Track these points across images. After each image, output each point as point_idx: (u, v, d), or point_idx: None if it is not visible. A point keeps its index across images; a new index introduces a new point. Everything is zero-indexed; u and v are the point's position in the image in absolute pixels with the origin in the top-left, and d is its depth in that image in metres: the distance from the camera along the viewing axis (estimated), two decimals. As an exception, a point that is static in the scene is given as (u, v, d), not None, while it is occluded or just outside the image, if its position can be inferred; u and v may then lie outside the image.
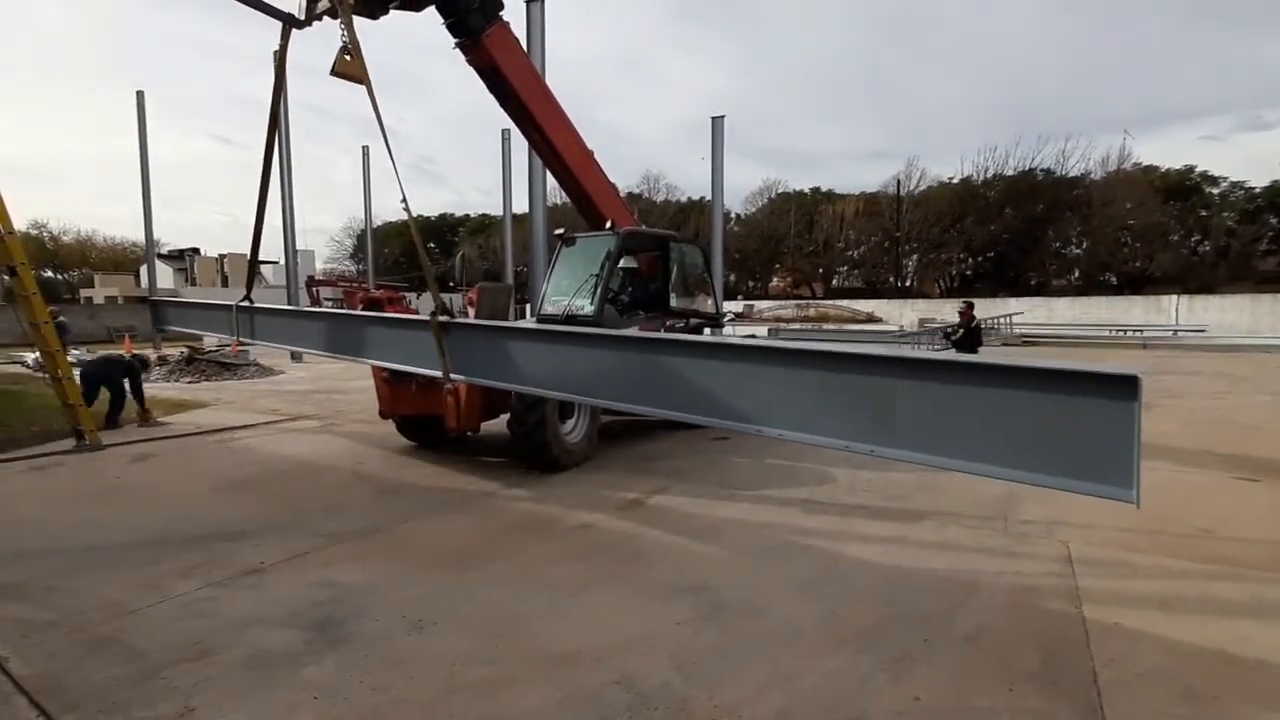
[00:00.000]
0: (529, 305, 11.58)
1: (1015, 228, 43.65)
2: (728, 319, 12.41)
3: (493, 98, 7.29)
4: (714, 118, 18.02)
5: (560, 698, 2.86)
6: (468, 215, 64.41)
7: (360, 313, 5.95)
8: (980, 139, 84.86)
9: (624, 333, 4.03)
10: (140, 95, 21.50)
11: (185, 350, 16.10)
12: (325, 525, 5.17)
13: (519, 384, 4.04)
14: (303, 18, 5.16)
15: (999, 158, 45.66)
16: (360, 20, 5.32)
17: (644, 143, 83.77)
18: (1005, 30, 70.51)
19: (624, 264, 7.95)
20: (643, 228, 9.27)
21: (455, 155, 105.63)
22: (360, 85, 4.59)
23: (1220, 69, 58.72)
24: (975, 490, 5.62)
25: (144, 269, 31.18)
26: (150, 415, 9.55)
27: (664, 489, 6.12)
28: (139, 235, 28.31)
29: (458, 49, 6.78)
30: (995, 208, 44.75)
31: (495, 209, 29.71)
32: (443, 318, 4.24)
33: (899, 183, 47.56)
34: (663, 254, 8.42)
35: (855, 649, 3.27)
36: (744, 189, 58.33)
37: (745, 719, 2.71)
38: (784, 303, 44.86)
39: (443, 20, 6.54)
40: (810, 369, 2.82)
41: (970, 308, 11.72)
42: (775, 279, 56.29)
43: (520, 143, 9.43)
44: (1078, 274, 44.73)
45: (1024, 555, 4.48)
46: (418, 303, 14.65)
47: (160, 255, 40.00)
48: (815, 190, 54.33)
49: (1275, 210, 40.51)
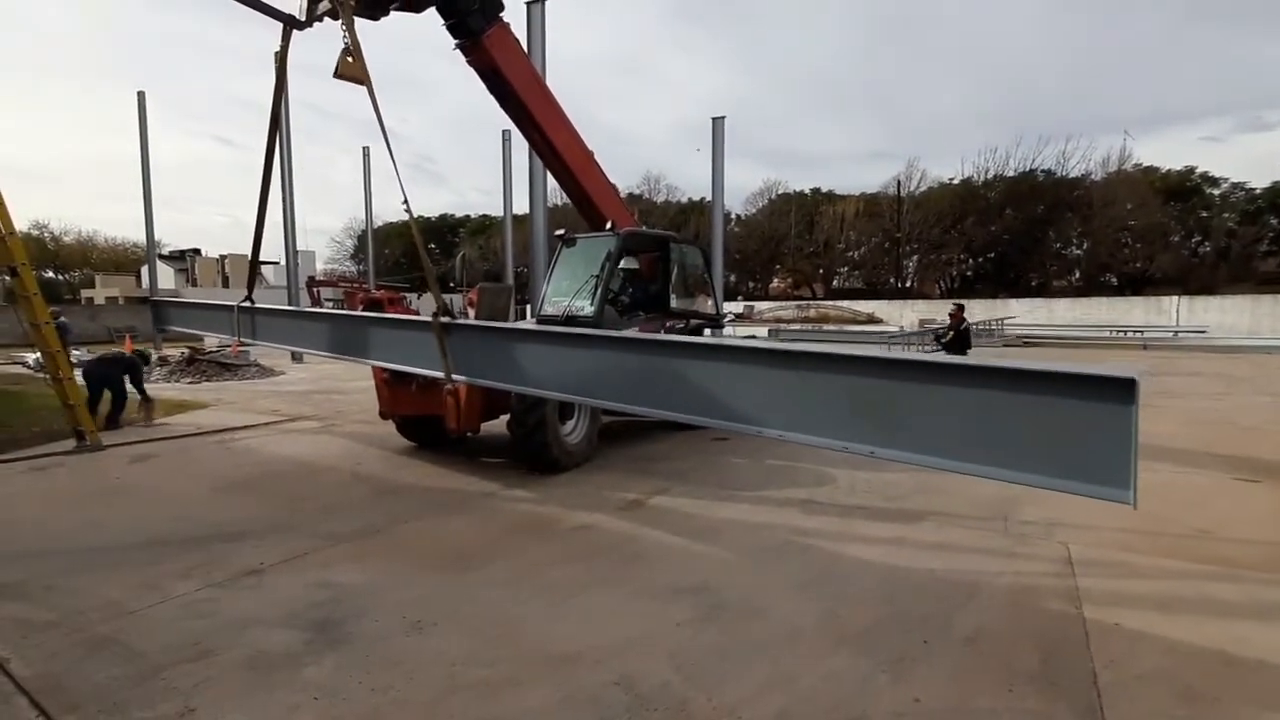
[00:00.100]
0: (529, 306, 11.59)
1: (1016, 228, 43.63)
2: (728, 320, 12.42)
3: (493, 98, 7.30)
4: (714, 118, 18.05)
5: (560, 698, 2.87)
6: (468, 216, 64.58)
7: (362, 313, 5.95)
8: (980, 139, 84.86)
9: (625, 334, 4.03)
10: (141, 96, 21.52)
11: (186, 351, 16.13)
12: (325, 526, 5.18)
13: (520, 385, 4.04)
14: (303, 19, 5.17)
15: (999, 158, 45.68)
16: (361, 21, 5.34)
17: (644, 143, 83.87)
18: (1005, 30, 70.63)
19: (624, 265, 7.95)
20: (643, 228, 9.28)
21: (456, 156, 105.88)
22: (362, 86, 4.60)
23: (1221, 69, 58.79)
24: (974, 491, 5.62)
25: (145, 269, 31.29)
26: (154, 405, 9.73)
27: (664, 490, 6.12)
28: (140, 236, 28.35)
29: (458, 50, 6.79)
30: (996, 208, 44.72)
31: (496, 209, 29.74)
32: (444, 318, 4.25)
33: (899, 183, 47.63)
34: (663, 255, 8.43)
35: (855, 650, 3.28)
36: (744, 190, 58.49)
37: (745, 720, 2.71)
38: (784, 303, 44.84)
39: (443, 21, 6.55)
40: (810, 371, 2.82)
41: (960, 309, 11.81)
42: (775, 280, 56.29)
43: (521, 143, 9.45)
44: (1078, 275, 44.69)
45: (1024, 556, 4.48)
46: (418, 303, 14.68)
47: (161, 256, 40.02)
48: (815, 191, 54.38)
49: (1276, 211, 40.52)
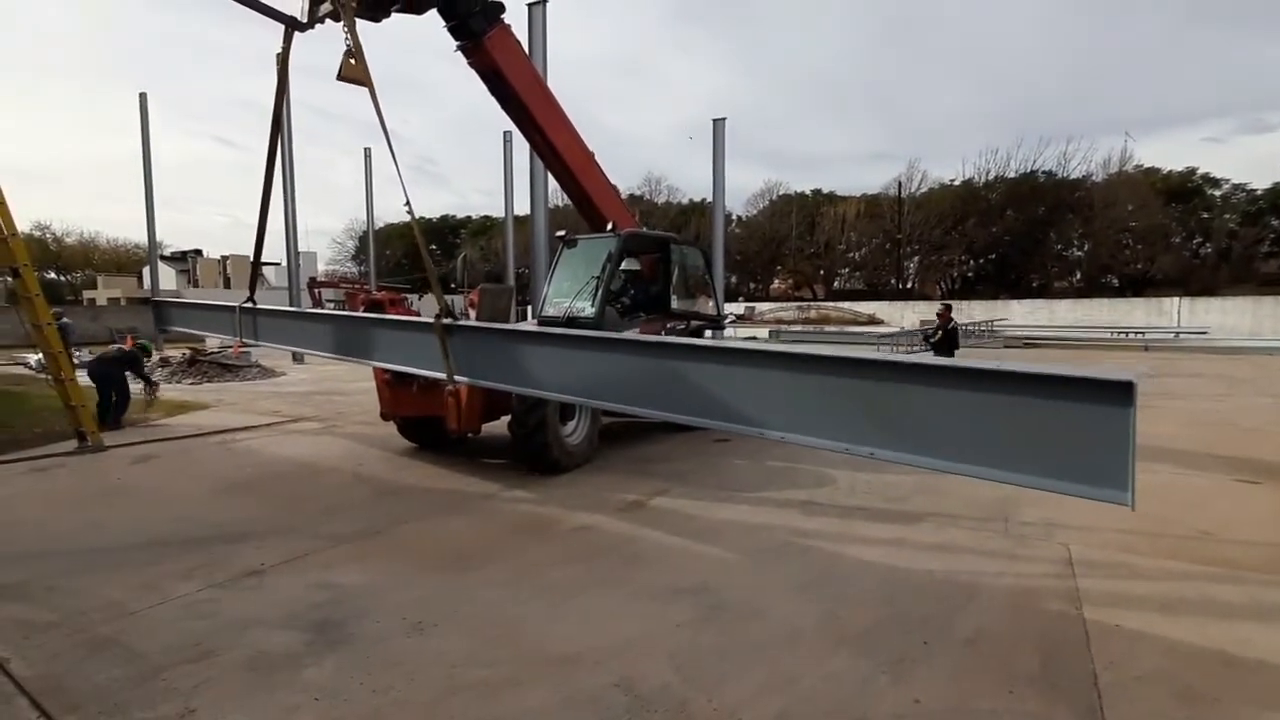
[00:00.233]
0: (530, 307, 11.59)
1: (1017, 230, 43.62)
2: (728, 321, 12.43)
3: (494, 100, 7.31)
4: (715, 120, 18.07)
5: (560, 699, 2.87)
6: (469, 217, 64.63)
7: (364, 314, 5.96)
8: (981, 141, 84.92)
9: (627, 336, 4.04)
10: (143, 97, 21.51)
11: (187, 351, 16.14)
12: (325, 527, 5.18)
13: (522, 386, 4.05)
14: (305, 20, 5.18)
15: (1000, 160, 45.68)
16: (363, 23, 5.35)
17: (645, 145, 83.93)
18: (1006, 31, 70.63)
19: (625, 266, 7.95)
20: (644, 230, 9.29)
21: (457, 157, 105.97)
22: (364, 88, 4.61)
23: (1222, 71, 58.76)
24: (974, 492, 5.61)
25: (146, 270, 31.32)
26: (157, 387, 10.29)
27: (664, 491, 6.12)
28: (141, 237, 28.42)
29: (460, 52, 6.80)
30: (997, 210, 44.71)
31: (497, 210, 29.70)
32: (446, 320, 4.26)
33: (900, 185, 47.65)
34: (664, 256, 8.43)
35: (855, 651, 3.28)
36: (745, 191, 58.58)
37: (744, 721, 2.71)
38: (785, 305, 44.86)
39: (445, 23, 6.56)
40: (811, 373, 2.83)
41: (948, 309, 11.98)
42: (776, 281, 56.32)
43: (522, 144, 9.46)
44: (1079, 276, 44.68)
45: (1024, 557, 4.48)
46: (419, 304, 14.70)
47: (163, 257, 40.06)
48: (816, 192, 54.40)
49: (1277, 212, 40.51)
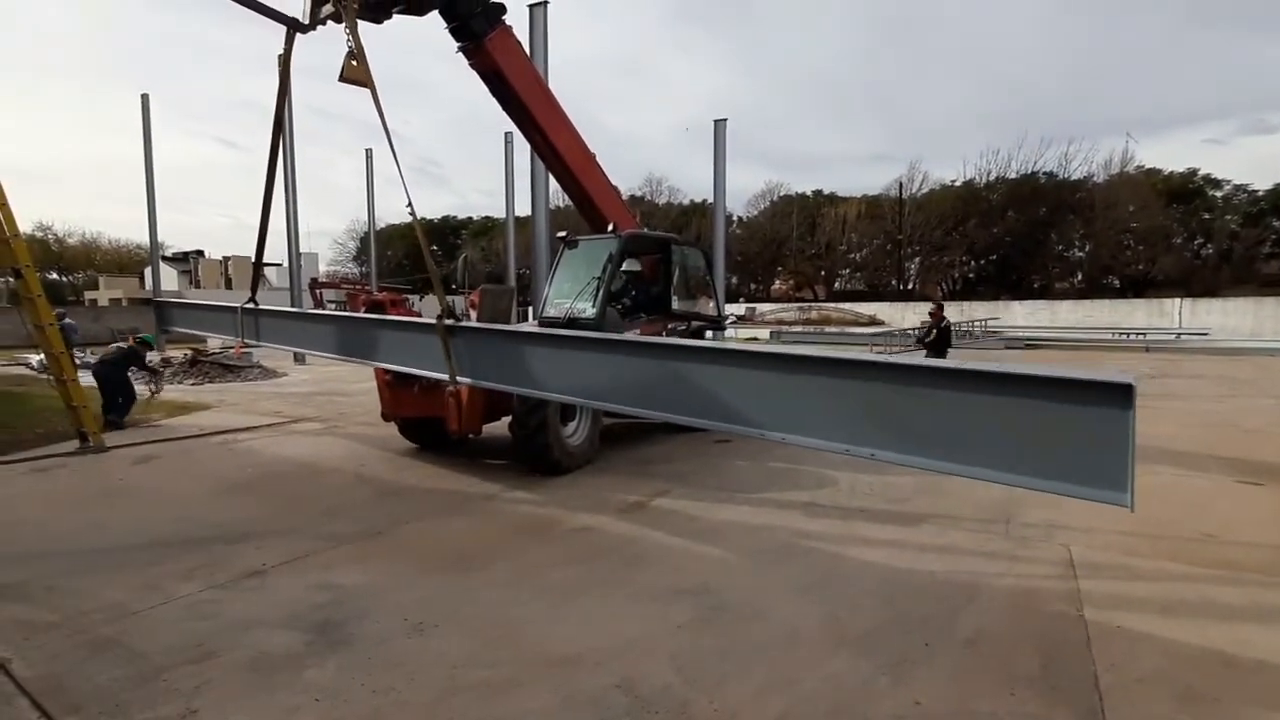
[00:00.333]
0: (531, 308, 11.60)
1: (1018, 231, 43.59)
2: (729, 322, 12.44)
3: (496, 101, 7.32)
4: (716, 121, 18.08)
5: (561, 700, 2.87)
6: (470, 218, 64.70)
7: (366, 315, 5.97)
8: (982, 141, 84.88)
9: (626, 337, 4.04)
10: (145, 98, 21.53)
11: (189, 352, 16.16)
12: (327, 527, 5.19)
13: (524, 387, 4.05)
14: (307, 22, 5.18)
15: (1001, 160, 45.60)
16: (364, 25, 5.35)
17: (646, 146, 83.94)
18: (1006, 31, 70.60)
19: (626, 267, 7.95)
20: (644, 230, 9.29)
21: (458, 158, 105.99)
22: (365, 89, 4.61)
23: (1223, 72, 58.70)
24: (976, 494, 5.61)
25: (148, 271, 31.30)
26: (162, 376, 10.65)
27: (665, 492, 6.12)
28: (143, 238, 28.49)
29: (461, 53, 6.80)
30: (998, 210, 44.68)
31: (498, 211, 29.74)
32: (448, 321, 4.27)
33: (901, 185, 47.62)
34: (664, 257, 8.44)
35: (856, 652, 3.28)
36: (746, 192, 58.63)
37: (745, 722, 2.71)
38: (786, 305, 44.84)
39: (446, 25, 6.57)
40: (811, 374, 2.83)
41: (940, 309, 12.01)
42: (777, 282, 56.31)
43: (523, 145, 9.48)
44: (1080, 277, 44.65)
45: (1025, 559, 4.48)
46: (420, 305, 14.69)
47: (164, 257, 40.06)
48: (817, 193, 54.37)
49: (1278, 213, 40.45)
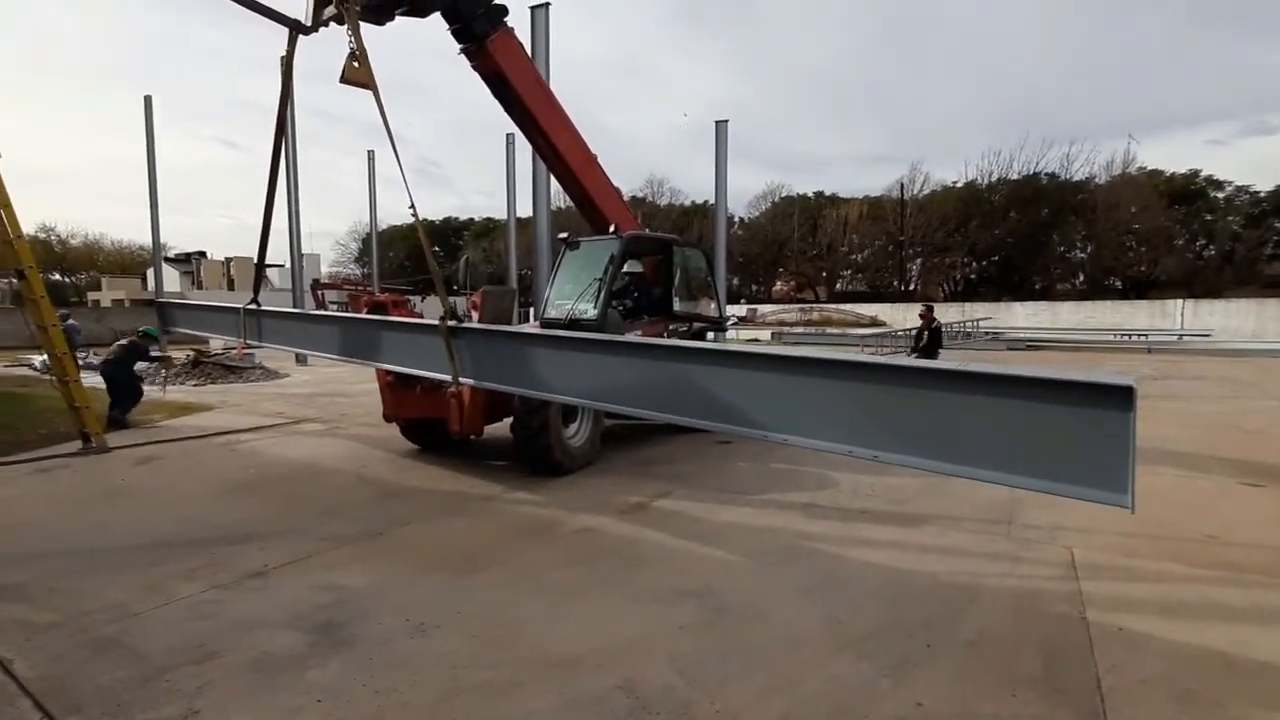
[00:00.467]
0: (532, 309, 11.61)
1: (1019, 232, 43.58)
2: (731, 323, 12.45)
3: (497, 102, 7.33)
4: (717, 122, 18.09)
5: (562, 701, 2.87)
6: (472, 219, 64.73)
7: (368, 316, 5.97)
8: (984, 143, 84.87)
9: (627, 338, 4.04)
10: (148, 100, 21.61)
11: (191, 353, 16.19)
12: (329, 528, 5.19)
13: (526, 388, 4.05)
14: (309, 24, 5.19)
15: (1003, 161, 45.64)
16: (366, 27, 5.36)
17: (648, 146, 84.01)
18: (1007, 32, 70.67)
19: (627, 268, 7.96)
20: (646, 232, 9.30)
21: (459, 159, 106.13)
22: (367, 91, 4.62)
23: (1224, 73, 58.70)
24: (978, 495, 5.61)
25: (151, 272, 31.40)
26: (170, 360, 11.07)
27: (667, 493, 6.12)
28: (145, 239, 28.61)
29: (463, 55, 6.81)
30: (999, 212, 44.69)
31: (499, 213, 29.82)
32: (451, 322, 4.27)
33: (902, 186, 47.61)
34: (666, 258, 8.44)
35: (857, 654, 3.27)
36: (747, 193, 58.58)
37: (747, 723, 2.71)
38: (787, 307, 44.84)
39: (448, 26, 6.58)
40: (813, 375, 2.83)
41: (930, 310, 12.16)
42: (779, 283, 56.32)
43: (524, 146, 9.49)
44: (1082, 278, 44.63)
45: (1027, 560, 4.47)
46: (422, 306, 14.72)
47: (167, 259, 40.23)
48: (819, 194, 54.39)
49: (1280, 214, 40.45)
